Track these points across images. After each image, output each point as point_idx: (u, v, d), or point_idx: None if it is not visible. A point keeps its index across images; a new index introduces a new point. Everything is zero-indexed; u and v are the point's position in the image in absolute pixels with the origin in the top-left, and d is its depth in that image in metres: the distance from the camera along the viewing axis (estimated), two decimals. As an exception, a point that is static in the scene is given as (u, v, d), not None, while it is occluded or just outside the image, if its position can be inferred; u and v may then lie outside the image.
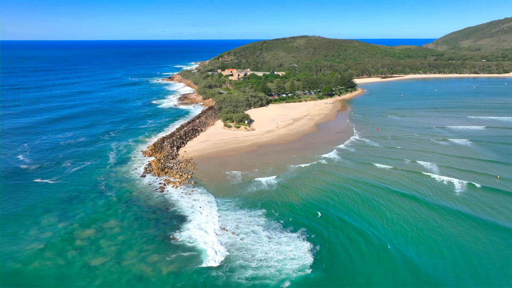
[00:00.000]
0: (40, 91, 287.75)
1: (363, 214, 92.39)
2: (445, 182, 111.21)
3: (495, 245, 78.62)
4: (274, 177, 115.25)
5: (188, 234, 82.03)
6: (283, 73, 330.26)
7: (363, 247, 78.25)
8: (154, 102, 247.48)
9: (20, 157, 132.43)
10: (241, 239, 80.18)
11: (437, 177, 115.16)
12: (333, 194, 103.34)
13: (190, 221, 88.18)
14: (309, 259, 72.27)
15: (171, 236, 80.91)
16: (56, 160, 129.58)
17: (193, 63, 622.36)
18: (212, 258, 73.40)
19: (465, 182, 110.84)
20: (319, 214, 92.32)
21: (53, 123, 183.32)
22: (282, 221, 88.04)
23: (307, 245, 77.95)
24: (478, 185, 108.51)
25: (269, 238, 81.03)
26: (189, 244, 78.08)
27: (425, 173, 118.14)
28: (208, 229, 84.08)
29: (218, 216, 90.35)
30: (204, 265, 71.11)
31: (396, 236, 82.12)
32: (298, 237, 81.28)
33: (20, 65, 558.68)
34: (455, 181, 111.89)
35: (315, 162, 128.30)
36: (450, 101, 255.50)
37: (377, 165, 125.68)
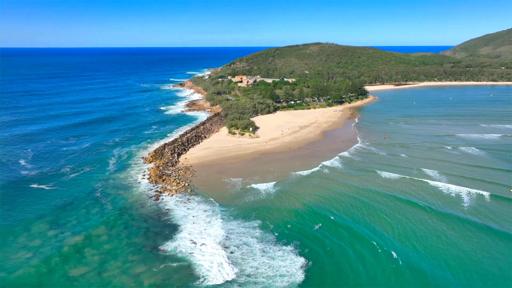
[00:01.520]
0: (53, 98, 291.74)
1: (367, 225, 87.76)
2: (453, 193, 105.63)
3: (508, 259, 73.69)
4: (273, 185, 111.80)
5: (177, 245, 79.03)
6: (293, 80, 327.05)
7: (367, 261, 73.81)
8: (162, 108, 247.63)
9: (22, 162, 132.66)
10: (232, 252, 76.76)
11: (445, 186, 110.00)
12: (333, 204, 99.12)
13: (181, 231, 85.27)
14: (300, 277, 68.12)
15: (159, 247, 78.10)
16: (57, 166, 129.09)
17: (206, 70, 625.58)
18: (199, 271, 70.26)
19: (475, 192, 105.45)
20: (319, 225, 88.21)
21: (59, 129, 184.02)
22: (277, 233, 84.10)
23: (301, 260, 73.59)
24: (489, 196, 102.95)
25: (263, 251, 77.13)
26: (176, 256, 75.03)
27: (432, 182, 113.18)
28: (198, 241, 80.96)
29: (211, 227, 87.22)
30: (189, 278, 67.96)
31: (404, 250, 77.14)
32: (292, 251, 77.07)
33: (36, 72, 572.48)
34: (465, 191, 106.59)
35: (317, 171, 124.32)
36: (465, 109, 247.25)
37: (382, 173, 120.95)
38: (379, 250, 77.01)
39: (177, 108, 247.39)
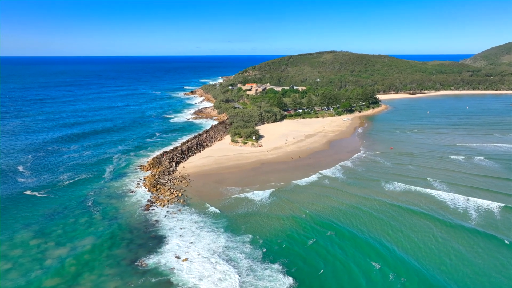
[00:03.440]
0: (64, 106, 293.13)
1: (368, 242, 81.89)
2: (462, 203, 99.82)
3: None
4: (269, 196, 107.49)
5: (159, 258, 75.34)
6: (303, 88, 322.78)
7: (365, 282, 68.51)
8: (169, 116, 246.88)
9: (20, 168, 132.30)
10: (215, 268, 72.62)
11: (454, 197, 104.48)
12: (329, 216, 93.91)
13: (166, 244, 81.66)
14: (284, 299, 63.36)
15: (139, 260, 74.58)
16: (54, 173, 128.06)
17: (219, 77, 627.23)
18: (178, 288, 66.43)
19: (487, 203, 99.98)
20: (313, 239, 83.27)
21: (63, 136, 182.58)
22: (268, 249, 79.12)
23: (288, 281, 68.43)
24: (503, 207, 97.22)
25: (250, 269, 72.23)
26: (157, 271, 71.31)
27: (440, 193, 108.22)
28: (182, 255, 77.09)
29: (199, 240, 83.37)
30: (165, 296, 64.17)
31: (410, 269, 71.50)
32: (280, 269, 71.92)
33: (53, 80, 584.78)
34: (476, 202, 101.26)
35: (316, 181, 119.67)
36: (481, 118, 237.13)
37: (386, 184, 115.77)
38: (378, 269, 71.59)
39: (184, 116, 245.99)
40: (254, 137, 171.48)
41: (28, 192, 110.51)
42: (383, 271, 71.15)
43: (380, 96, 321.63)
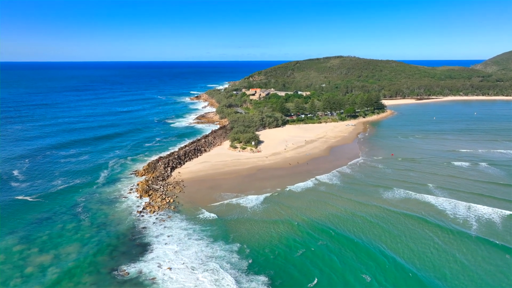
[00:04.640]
0: (68, 110, 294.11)
1: (364, 253, 78.40)
2: (464, 210, 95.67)
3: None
4: (262, 203, 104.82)
5: (140, 267, 72.97)
6: (308, 93, 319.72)
7: None
8: (170, 120, 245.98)
9: (15, 173, 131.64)
10: (197, 279, 69.92)
11: (455, 203, 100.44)
12: (325, 224, 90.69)
13: (151, 252, 79.34)
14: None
15: (120, 269, 72.33)
16: (48, 178, 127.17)
17: (226, 82, 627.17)
18: (156, 299, 63.90)
19: (491, 211, 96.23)
20: (303, 250, 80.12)
21: (61, 141, 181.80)
22: (255, 260, 76.24)
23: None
24: (508, 215, 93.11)
25: (236, 281, 69.46)
26: (137, 280, 68.99)
27: (440, 200, 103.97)
28: (165, 264, 74.61)
29: (185, 249, 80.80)
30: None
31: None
32: (265, 282, 68.81)
33: (61, 84, 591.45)
34: (479, 209, 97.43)
35: (312, 188, 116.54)
36: (488, 124, 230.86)
37: (384, 191, 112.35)
38: (374, 280, 68.25)
39: (186, 121, 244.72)
40: (253, 143, 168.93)
41: (20, 197, 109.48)
42: (380, 283, 67.86)
43: (386, 102, 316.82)
